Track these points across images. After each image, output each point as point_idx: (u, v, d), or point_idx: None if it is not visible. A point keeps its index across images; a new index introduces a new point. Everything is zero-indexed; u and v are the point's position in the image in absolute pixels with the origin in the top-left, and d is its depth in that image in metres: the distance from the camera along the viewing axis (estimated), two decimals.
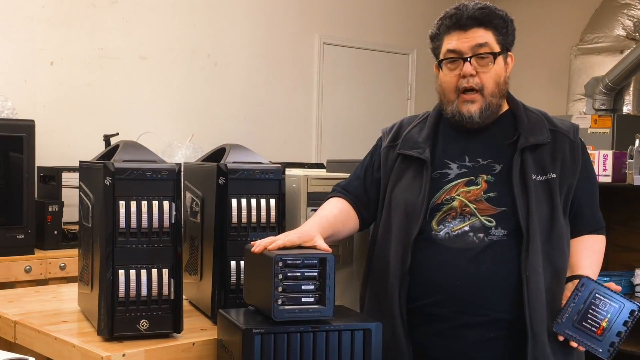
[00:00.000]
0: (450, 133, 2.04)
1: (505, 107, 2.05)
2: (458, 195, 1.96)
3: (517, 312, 1.88)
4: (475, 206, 1.94)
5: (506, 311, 1.89)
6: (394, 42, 5.96)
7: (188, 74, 4.82)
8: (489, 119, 1.99)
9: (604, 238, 2.10)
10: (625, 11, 5.45)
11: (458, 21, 1.96)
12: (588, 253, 2.03)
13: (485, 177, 1.96)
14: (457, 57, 1.96)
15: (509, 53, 2.01)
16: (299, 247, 1.83)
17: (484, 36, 1.95)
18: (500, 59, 1.97)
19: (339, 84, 5.63)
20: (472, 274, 1.89)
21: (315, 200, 2.22)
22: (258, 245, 1.80)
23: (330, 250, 1.80)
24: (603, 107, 5.24)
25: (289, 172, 2.27)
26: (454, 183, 1.98)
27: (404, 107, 6.07)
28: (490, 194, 1.94)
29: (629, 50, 5.19)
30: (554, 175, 1.95)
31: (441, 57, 1.99)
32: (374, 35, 5.83)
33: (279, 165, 2.09)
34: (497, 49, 1.96)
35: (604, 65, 5.35)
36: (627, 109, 5.30)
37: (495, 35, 1.96)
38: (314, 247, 1.82)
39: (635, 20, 5.41)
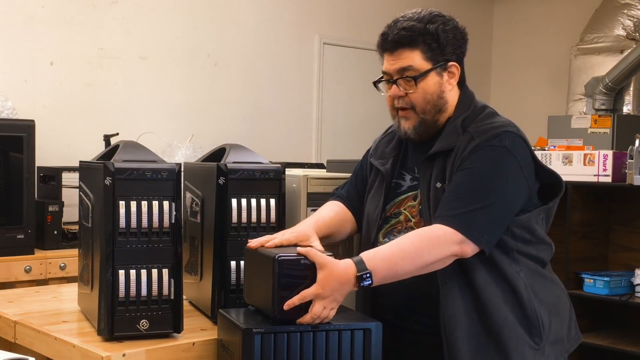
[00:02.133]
0: (411, 144, 2.06)
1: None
2: (405, 209, 2.00)
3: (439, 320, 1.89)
4: (415, 220, 1.97)
5: (432, 318, 1.89)
6: None
7: (188, 74, 4.82)
8: (427, 134, 1.99)
9: (435, 227, 1.83)
10: (625, 11, 5.45)
11: (383, 44, 1.99)
12: (391, 243, 1.86)
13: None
14: (388, 79, 2.00)
15: (451, 63, 1.96)
16: (295, 245, 1.84)
17: (409, 58, 1.94)
18: (431, 75, 1.95)
19: (339, 84, 5.62)
20: (402, 283, 1.86)
21: (315, 200, 2.22)
22: (255, 242, 1.85)
23: (324, 251, 1.82)
24: (603, 107, 5.24)
25: (289, 172, 2.27)
26: (403, 196, 2.01)
27: None
28: (421, 207, 1.96)
29: (629, 50, 5.19)
30: (447, 182, 1.91)
31: (379, 76, 2.03)
32: (374, 35, 5.80)
33: (279, 165, 2.09)
34: (424, 67, 1.94)
35: (604, 65, 5.35)
36: (627, 109, 5.30)
37: (422, 53, 1.94)
38: (310, 247, 1.83)
39: (635, 20, 5.41)
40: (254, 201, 2.04)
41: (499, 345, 1.86)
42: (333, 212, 2.10)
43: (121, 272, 1.83)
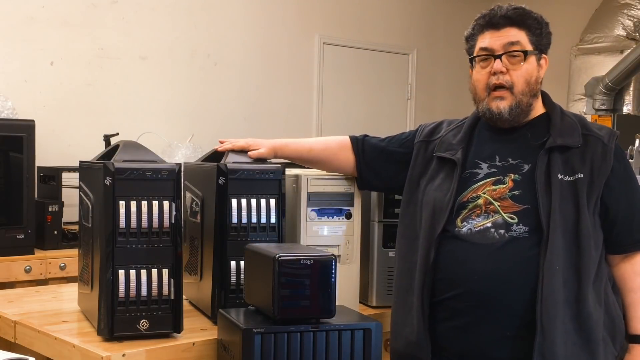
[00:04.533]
0: (484, 135, 2.07)
1: (542, 109, 2.05)
2: (484, 193, 1.98)
3: (532, 309, 1.87)
4: (499, 204, 1.95)
5: (522, 308, 1.88)
6: (394, 42, 5.96)
7: (188, 74, 4.82)
8: (519, 118, 2.00)
9: None
10: (625, 11, 5.45)
11: (491, 20, 2.01)
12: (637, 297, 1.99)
13: (512, 176, 1.97)
14: (489, 54, 2.00)
15: (543, 55, 2.03)
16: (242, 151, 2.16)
17: (517, 35, 1.99)
18: (532, 58, 1.99)
19: (339, 84, 5.63)
20: (490, 269, 1.89)
21: (316, 200, 2.22)
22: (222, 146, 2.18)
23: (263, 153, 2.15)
24: (603, 107, 5.24)
25: (289, 172, 2.27)
26: (482, 182, 2.00)
27: (404, 107, 6.07)
28: (515, 192, 1.95)
29: (629, 50, 5.19)
30: (582, 176, 1.93)
31: (474, 54, 2.04)
32: (374, 35, 5.83)
33: (279, 165, 2.09)
34: (529, 48, 1.99)
35: (604, 65, 5.35)
36: (627, 109, 5.30)
37: (528, 36, 1.99)
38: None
39: (635, 20, 5.41)
40: (254, 201, 2.04)
41: (589, 345, 1.89)
42: (323, 144, 2.28)
43: (121, 272, 1.83)
